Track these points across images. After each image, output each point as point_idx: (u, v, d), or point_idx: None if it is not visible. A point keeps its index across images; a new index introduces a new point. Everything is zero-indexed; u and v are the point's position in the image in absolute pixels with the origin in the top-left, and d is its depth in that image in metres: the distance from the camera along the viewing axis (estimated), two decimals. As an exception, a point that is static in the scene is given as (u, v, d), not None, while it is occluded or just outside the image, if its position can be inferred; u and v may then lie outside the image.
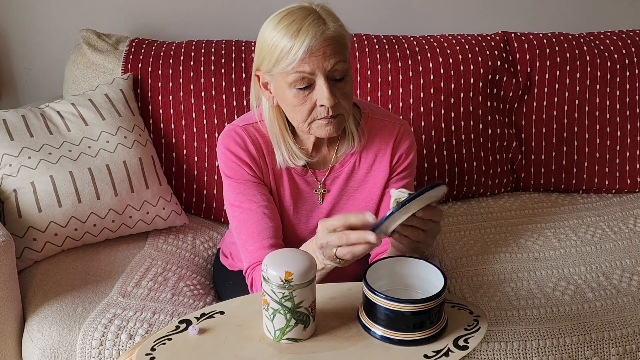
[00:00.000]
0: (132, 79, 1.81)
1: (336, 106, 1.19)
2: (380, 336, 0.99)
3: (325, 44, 1.14)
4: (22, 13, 2.05)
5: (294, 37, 1.13)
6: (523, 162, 1.99)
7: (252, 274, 1.28)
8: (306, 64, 1.14)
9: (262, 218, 1.29)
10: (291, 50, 1.13)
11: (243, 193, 1.30)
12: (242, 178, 1.31)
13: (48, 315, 1.39)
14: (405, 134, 1.35)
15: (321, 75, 1.15)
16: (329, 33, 1.15)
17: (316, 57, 1.14)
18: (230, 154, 1.30)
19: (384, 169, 1.34)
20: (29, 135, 1.59)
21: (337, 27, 1.17)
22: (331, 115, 1.19)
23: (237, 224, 1.31)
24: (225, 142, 1.31)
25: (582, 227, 1.80)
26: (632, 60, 1.98)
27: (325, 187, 1.35)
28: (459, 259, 1.67)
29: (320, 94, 1.17)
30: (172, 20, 2.09)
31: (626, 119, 1.98)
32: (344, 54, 1.18)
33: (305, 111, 1.19)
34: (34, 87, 2.14)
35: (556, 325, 1.43)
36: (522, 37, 1.99)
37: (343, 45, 1.18)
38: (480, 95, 1.91)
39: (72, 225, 1.55)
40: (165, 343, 0.98)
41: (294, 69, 1.15)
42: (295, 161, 1.30)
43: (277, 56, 1.15)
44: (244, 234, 1.29)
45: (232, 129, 1.32)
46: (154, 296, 1.46)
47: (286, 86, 1.18)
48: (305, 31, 1.13)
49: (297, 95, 1.18)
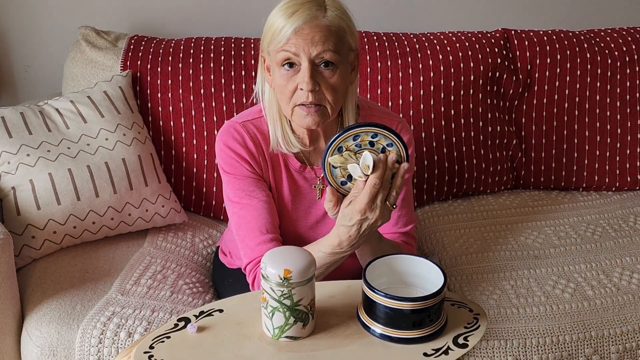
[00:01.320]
0: (131, 77, 1.80)
1: (317, 94, 1.19)
2: (380, 334, 0.99)
3: (316, 30, 1.16)
4: (20, 10, 2.04)
5: (287, 17, 1.17)
6: (523, 159, 1.99)
7: (255, 272, 1.28)
8: (292, 45, 1.17)
9: (261, 213, 1.29)
10: (283, 29, 1.17)
11: (242, 189, 1.30)
12: (241, 174, 1.30)
13: (47, 313, 1.39)
14: (404, 130, 1.36)
15: (305, 58, 1.17)
16: (324, 21, 1.17)
17: (303, 40, 1.16)
18: (229, 150, 1.30)
19: None
20: (27, 132, 1.59)
21: (335, 18, 1.18)
22: (310, 101, 1.19)
23: (236, 220, 1.31)
24: (224, 139, 1.31)
25: (582, 225, 1.79)
26: (633, 58, 1.97)
27: (323, 183, 1.35)
28: (458, 256, 1.66)
29: (301, 76, 1.19)
30: (172, 17, 2.09)
31: (626, 116, 1.97)
32: (338, 45, 1.19)
33: (288, 93, 1.21)
34: (33, 84, 2.14)
35: (556, 323, 1.43)
36: (522, 35, 1.98)
37: (338, 36, 1.19)
38: (480, 92, 1.90)
39: (70, 223, 1.55)
40: (164, 341, 0.98)
41: (281, 47, 1.18)
42: (290, 147, 1.30)
43: (272, 34, 1.19)
44: (243, 229, 1.29)
45: (230, 125, 1.32)
46: (153, 294, 1.46)
47: (277, 66, 1.21)
48: (300, 13, 1.16)
49: (282, 76, 1.20)
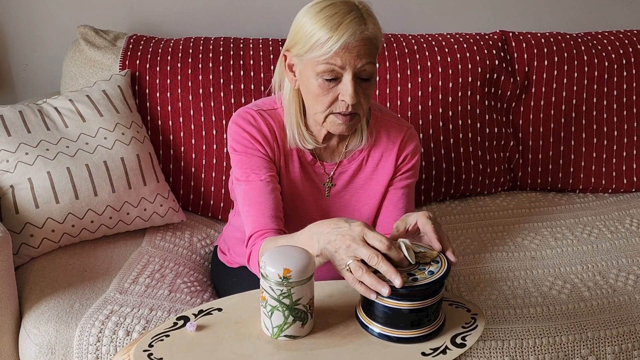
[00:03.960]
0: (130, 76, 1.80)
1: (356, 105, 1.21)
2: (378, 334, 0.99)
3: (361, 43, 1.16)
4: (19, 9, 2.04)
5: (333, 30, 1.15)
6: (520, 161, 2.00)
7: (252, 247, 1.26)
8: (339, 58, 1.16)
9: (265, 190, 1.29)
10: (328, 42, 1.15)
11: (250, 166, 1.31)
12: (252, 152, 1.32)
13: (45, 312, 1.39)
14: (412, 136, 1.39)
15: (350, 71, 1.18)
16: (367, 34, 1.17)
17: (350, 54, 1.16)
18: (243, 131, 1.32)
19: (388, 167, 1.37)
20: (26, 131, 1.59)
21: (375, 29, 1.19)
22: (350, 112, 1.21)
23: (242, 197, 1.30)
24: (239, 122, 1.32)
25: (579, 227, 1.80)
26: (630, 61, 1.98)
27: (332, 182, 1.38)
28: (455, 257, 1.67)
29: (344, 89, 1.19)
30: (171, 16, 2.09)
31: (623, 118, 1.98)
32: (375, 55, 1.21)
33: (326, 102, 1.22)
34: (31, 83, 2.14)
35: (552, 324, 1.44)
36: (520, 37, 1.99)
37: (375, 47, 1.20)
38: (478, 94, 1.91)
39: (69, 221, 1.55)
40: (162, 340, 0.98)
41: (326, 60, 1.17)
42: (304, 144, 1.32)
43: (313, 44, 1.17)
44: (247, 205, 1.29)
45: (245, 110, 1.34)
46: (152, 293, 1.46)
47: (313, 74, 1.20)
48: (346, 27, 1.15)
49: (322, 86, 1.20)
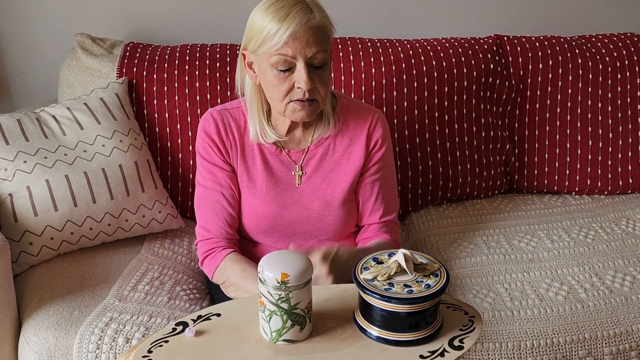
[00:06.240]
0: (127, 83, 1.81)
1: (312, 91, 1.28)
2: (376, 337, 1.00)
3: (309, 32, 1.23)
4: (16, 17, 2.05)
5: (280, 21, 1.22)
6: (516, 164, 2.01)
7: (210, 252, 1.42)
8: (289, 48, 1.23)
9: (220, 201, 1.42)
10: (277, 33, 1.22)
11: (211, 173, 1.42)
12: (212, 160, 1.42)
13: (44, 319, 1.39)
14: (380, 120, 1.45)
15: (302, 60, 1.24)
16: (314, 22, 1.24)
17: (299, 43, 1.23)
18: (204, 134, 1.42)
19: (358, 152, 1.43)
20: (24, 139, 1.59)
21: (322, 18, 1.26)
22: (307, 98, 1.28)
23: (197, 200, 1.45)
24: (201, 124, 1.43)
25: (575, 228, 1.81)
26: (623, 63, 1.99)
27: (302, 170, 1.42)
28: (453, 260, 1.68)
29: (299, 77, 1.26)
30: (167, 24, 2.10)
31: (617, 120, 1.99)
32: (326, 44, 1.27)
33: (283, 91, 1.28)
34: (29, 91, 2.14)
35: (550, 326, 1.44)
36: (514, 41, 2.00)
37: (325, 35, 1.27)
38: (473, 98, 1.92)
39: (68, 229, 1.55)
40: (162, 345, 0.99)
41: (277, 51, 1.24)
42: (266, 138, 1.39)
43: (264, 38, 1.24)
44: (201, 209, 1.44)
45: (208, 112, 1.44)
46: (151, 300, 1.46)
47: (268, 67, 1.27)
48: (292, 17, 1.22)
49: (277, 76, 1.27)
